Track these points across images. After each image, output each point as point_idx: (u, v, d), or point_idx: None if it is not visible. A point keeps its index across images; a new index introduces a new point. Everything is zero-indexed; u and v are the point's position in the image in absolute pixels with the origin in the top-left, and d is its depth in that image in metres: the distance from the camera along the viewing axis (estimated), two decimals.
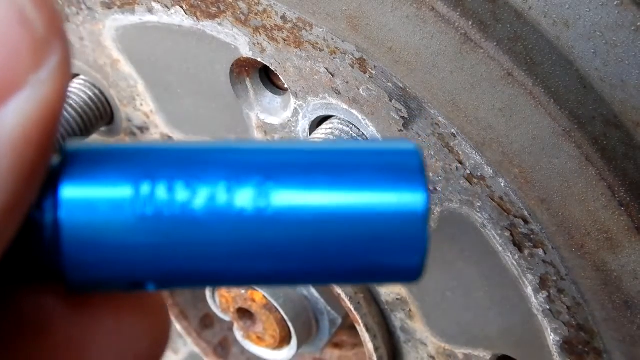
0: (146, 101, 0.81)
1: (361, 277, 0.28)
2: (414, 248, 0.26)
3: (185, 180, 0.25)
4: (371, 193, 0.26)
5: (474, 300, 0.70)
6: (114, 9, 0.74)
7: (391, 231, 0.26)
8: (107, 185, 0.25)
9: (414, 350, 0.81)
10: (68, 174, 0.25)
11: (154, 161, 0.26)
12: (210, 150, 0.27)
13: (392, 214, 0.26)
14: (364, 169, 0.26)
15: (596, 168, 0.55)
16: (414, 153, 0.27)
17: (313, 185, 0.26)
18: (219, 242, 0.25)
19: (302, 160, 0.27)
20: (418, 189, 0.26)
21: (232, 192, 0.25)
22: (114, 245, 0.25)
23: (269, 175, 0.26)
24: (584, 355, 0.64)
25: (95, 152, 0.26)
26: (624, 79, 0.55)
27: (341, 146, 0.28)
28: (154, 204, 0.25)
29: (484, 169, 0.59)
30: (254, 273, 0.27)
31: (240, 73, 0.71)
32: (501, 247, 0.63)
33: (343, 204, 0.26)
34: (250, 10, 0.63)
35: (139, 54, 0.76)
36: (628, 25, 0.53)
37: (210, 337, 1.06)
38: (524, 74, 0.55)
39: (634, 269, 0.58)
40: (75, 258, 0.25)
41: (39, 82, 0.22)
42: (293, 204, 0.26)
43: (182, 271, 0.26)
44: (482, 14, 0.56)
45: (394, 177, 0.26)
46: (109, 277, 0.26)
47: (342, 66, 0.61)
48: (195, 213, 0.25)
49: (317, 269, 0.27)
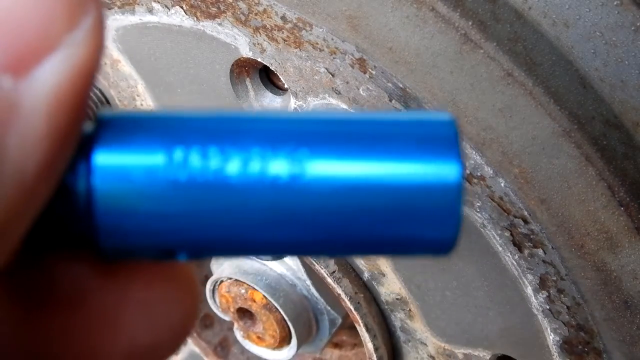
0: (146, 101, 0.82)
1: (392, 249, 0.28)
2: (447, 220, 0.26)
3: (219, 146, 0.25)
4: (405, 163, 0.26)
5: (474, 300, 0.70)
6: (114, 9, 0.74)
7: (425, 202, 0.26)
8: (141, 152, 0.25)
9: (414, 350, 0.81)
10: (101, 141, 0.25)
11: (187, 128, 0.26)
12: (245, 118, 0.27)
13: (426, 184, 0.26)
14: (399, 139, 0.26)
15: (596, 168, 0.55)
16: (450, 123, 0.27)
17: (347, 154, 0.26)
18: (251, 210, 0.25)
19: (336, 129, 0.26)
20: (452, 160, 0.26)
21: (266, 160, 0.25)
22: (146, 212, 0.25)
23: (302, 144, 0.26)
24: (583, 355, 0.64)
25: (128, 119, 0.26)
26: (623, 79, 0.55)
27: (377, 116, 0.28)
28: (187, 170, 0.25)
29: (484, 169, 0.59)
30: (284, 242, 0.27)
31: (240, 73, 0.71)
32: (501, 247, 0.63)
33: (377, 174, 0.26)
34: (250, 11, 0.64)
35: (139, 54, 0.77)
36: (628, 26, 0.53)
37: (210, 337, 1.06)
38: (524, 74, 0.55)
39: (633, 269, 0.58)
40: (108, 224, 0.25)
41: (73, 43, 0.22)
42: (327, 173, 0.25)
43: (213, 239, 0.26)
44: (482, 14, 0.56)
45: (428, 147, 0.26)
46: (141, 244, 0.26)
47: (342, 66, 0.61)
48: (228, 180, 0.25)
49: (349, 239, 0.27)
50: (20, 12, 0.21)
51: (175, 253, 0.26)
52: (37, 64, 0.21)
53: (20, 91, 0.21)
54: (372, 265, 0.76)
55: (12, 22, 0.21)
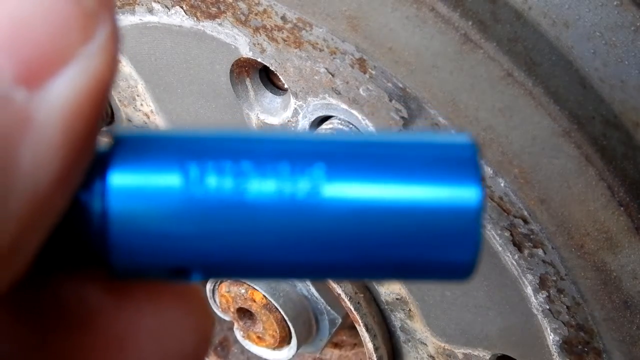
0: (146, 101, 0.82)
1: (410, 273, 0.28)
2: (466, 244, 0.26)
3: (235, 166, 0.25)
4: (424, 186, 0.26)
5: (474, 300, 0.70)
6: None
7: (444, 226, 0.26)
8: (157, 172, 0.25)
9: (414, 350, 0.81)
10: (117, 159, 0.25)
11: (203, 147, 0.25)
12: (261, 138, 0.27)
13: (445, 209, 0.26)
14: (418, 161, 0.26)
15: (596, 168, 0.55)
16: (470, 147, 0.27)
17: (366, 175, 0.26)
18: (266, 230, 0.25)
19: (354, 151, 0.26)
20: (472, 184, 0.26)
21: (284, 180, 0.25)
22: (162, 232, 0.25)
23: (321, 164, 0.26)
24: (583, 355, 0.65)
25: (144, 138, 0.26)
26: (623, 79, 0.55)
27: (395, 138, 0.28)
28: (203, 190, 0.25)
29: (484, 169, 0.59)
30: (300, 265, 0.26)
31: (240, 73, 0.72)
32: (501, 247, 0.63)
33: (396, 197, 0.25)
34: (251, 11, 0.64)
35: (139, 54, 0.77)
36: (628, 26, 0.53)
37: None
38: (524, 74, 0.55)
39: (633, 269, 0.58)
40: (122, 243, 0.25)
41: (88, 56, 0.22)
42: (345, 194, 0.25)
43: (228, 260, 0.26)
44: (482, 14, 0.56)
45: (447, 170, 0.26)
46: (155, 263, 0.25)
47: (342, 66, 0.61)
48: (246, 201, 0.25)
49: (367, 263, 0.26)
50: (35, 24, 0.21)
51: (190, 273, 0.26)
52: (51, 76, 0.21)
53: (34, 104, 0.21)
54: None
55: (27, 34, 0.21)
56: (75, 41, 0.22)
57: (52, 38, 0.21)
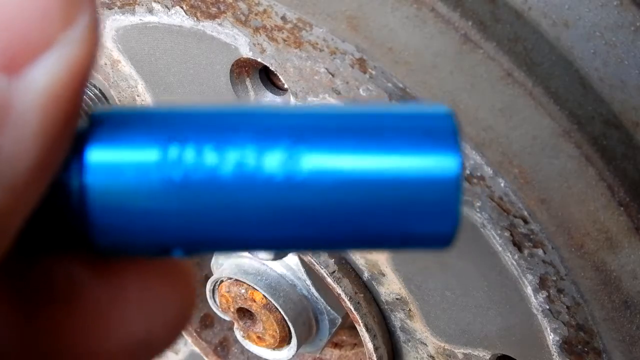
0: (146, 101, 0.82)
1: (391, 243, 0.27)
2: (447, 213, 0.26)
3: (214, 143, 0.25)
4: (403, 156, 0.25)
5: (474, 300, 0.70)
6: (114, 9, 0.74)
7: (423, 195, 0.25)
8: (134, 149, 0.25)
9: (414, 350, 0.81)
10: (94, 138, 0.25)
11: (182, 124, 0.25)
12: (239, 113, 0.26)
13: (425, 177, 0.25)
14: (396, 132, 0.26)
15: (596, 168, 0.55)
16: (447, 116, 0.26)
17: (344, 147, 0.25)
18: (247, 207, 0.25)
19: (332, 123, 0.26)
20: (450, 152, 0.25)
21: (262, 155, 0.25)
22: (140, 209, 0.25)
23: (298, 139, 0.25)
24: (583, 355, 0.65)
25: (121, 115, 0.26)
26: (623, 79, 0.55)
27: (373, 109, 0.27)
28: (181, 167, 0.25)
29: (484, 169, 0.59)
30: (281, 238, 0.26)
31: (240, 73, 0.72)
32: (501, 247, 0.63)
33: (374, 168, 0.25)
34: (251, 11, 0.64)
35: (139, 54, 0.77)
36: (627, 26, 0.54)
37: (211, 337, 1.06)
38: (524, 74, 0.55)
39: (633, 269, 0.58)
40: (102, 221, 0.25)
41: (69, 42, 0.22)
42: (322, 167, 0.25)
43: (209, 236, 0.26)
44: (482, 14, 0.56)
45: (426, 140, 0.26)
46: (135, 240, 0.25)
47: (342, 66, 0.61)
48: (223, 177, 0.25)
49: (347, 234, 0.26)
50: (15, 10, 0.21)
51: (170, 250, 0.26)
52: (31, 62, 0.21)
53: (13, 90, 0.21)
54: (372, 265, 0.76)
55: (7, 21, 0.21)
56: (55, 28, 0.22)
57: (32, 24, 0.21)
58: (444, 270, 0.70)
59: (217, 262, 0.97)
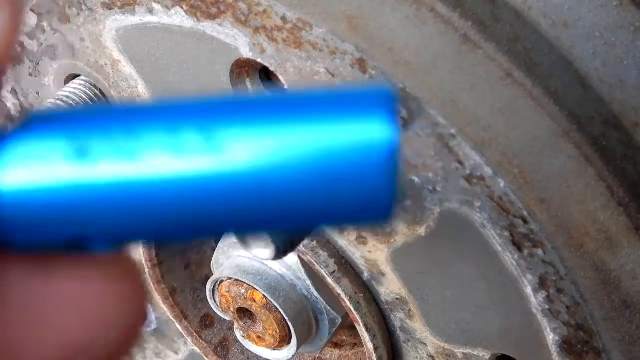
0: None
1: (326, 219, 0.26)
2: (380, 185, 0.24)
3: (126, 135, 0.25)
4: (331, 125, 0.24)
5: (474, 300, 0.70)
6: (114, 9, 0.74)
7: (356, 167, 0.24)
8: (45, 145, 0.25)
9: (414, 350, 0.81)
10: (9, 136, 0.25)
11: (94, 121, 0.25)
12: (153, 106, 0.26)
13: (356, 148, 0.24)
14: (326, 104, 0.25)
15: (595, 168, 0.56)
16: (383, 90, 0.25)
17: (267, 123, 0.24)
18: (164, 197, 0.24)
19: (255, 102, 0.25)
20: (382, 120, 0.24)
21: (178, 145, 0.24)
22: (47, 204, 0.25)
23: (215, 120, 0.24)
24: (583, 355, 0.65)
25: (37, 116, 0.26)
26: (623, 79, 0.55)
27: (303, 90, 0.26)
28: (87, 161, 0.25)
29: (484, 169, 0.59)
30: (205, 225, 0.25)
31: (240, 73, 0.72)
32: (501, 247, 0.63)
33: (304, 141, 0.24)
34: (251, 11, 0.64)
35: (139, 54, 0.77)
36: (627, 26, 0.54)
37: (211, 337, 1.06)
38: (524, 75, 0.55)
39: (633, 269, 0.58)
40: (9, 216, 0.25)
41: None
42: (246, 144, 0.24)
43: (128, 230, 0.25)
44: (482, 14, 0.56)
45: (355, 107, 0.24)
46: (46, 235, 0.25)
47: (342, 66, 0.61)
48: (137, 169, 0.24)
49: (277, 213, 0.25)
50: None
51: (88, 244, 0.26)
52: None
53: None
54: (372, 265, 0.76)
55: None
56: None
57: None
58: (444, 270, 0.70)
59: (217, 262, 0.97)
